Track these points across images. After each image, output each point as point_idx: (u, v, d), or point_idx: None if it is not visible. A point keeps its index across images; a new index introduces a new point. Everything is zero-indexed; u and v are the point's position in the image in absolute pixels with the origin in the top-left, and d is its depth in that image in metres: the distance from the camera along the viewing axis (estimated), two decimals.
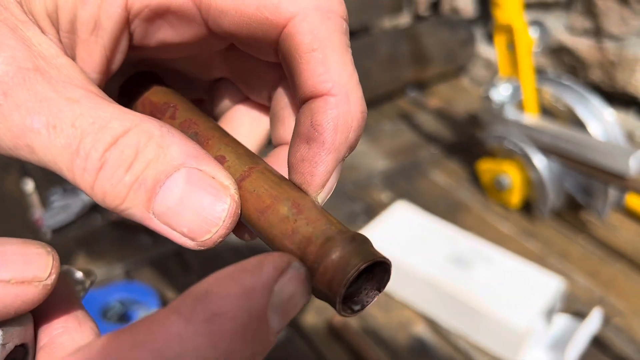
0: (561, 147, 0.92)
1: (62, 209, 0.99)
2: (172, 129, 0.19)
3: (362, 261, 0.17)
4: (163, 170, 0.19)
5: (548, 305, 0.78)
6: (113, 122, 0.18)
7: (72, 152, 0.18)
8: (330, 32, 0.20)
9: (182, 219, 0.19)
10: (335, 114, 0.20)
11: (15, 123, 0.18)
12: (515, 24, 0.92)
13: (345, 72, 0.20)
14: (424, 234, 0.88)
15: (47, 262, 0.17)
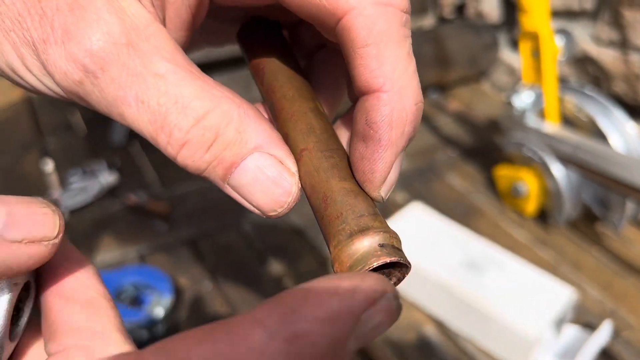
0: (581, 158, 0.91)
1: (81, 190, 1.00)
2: (249, 110, 0.21)
3: (387, 256, 0.18)
4: (239, 153, 0.21)
5: (559, 314, 0.78)
6: (195, 103, 0.20)
7: (157, 127, 0.20)
8: (386, 27, 0.20)
9: (253, 196, 0.21)
10: (389, 110, 0.20)
11: (110, 94, 0.20)
12: (541, 32, 0.92)
13: (400, 66, 0.20)
14: (438, 236, 0.88)
15: (54, 222, 0.18)
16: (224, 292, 0.85)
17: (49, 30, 0.20)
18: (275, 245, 0.94)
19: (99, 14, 0.20)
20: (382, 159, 0.21)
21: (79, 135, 1.19)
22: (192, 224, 0.96)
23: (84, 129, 1.21)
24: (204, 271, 0.87)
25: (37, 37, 0.20)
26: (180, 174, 1.09)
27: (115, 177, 1.04)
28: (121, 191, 1.03)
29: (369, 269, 0.18)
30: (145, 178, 1.07)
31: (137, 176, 1.07)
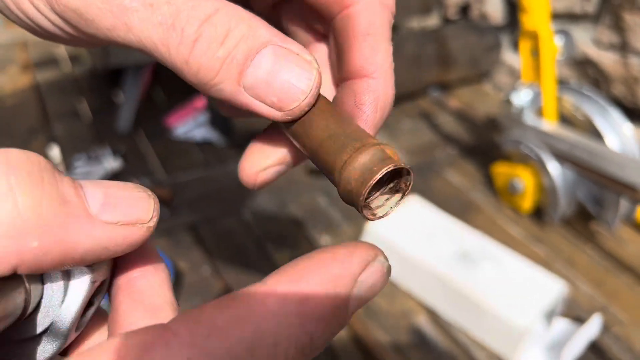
0: (577, 156, 0.93)
1: (85, 175, 1.02)
2: (258, 17, 0.21)
3: (385, 165, 0.19)
4: (253, 46, 0.20)
5: (549, 307, 0.80)
6: (204, 3, 0.20)
7: (167, 27, 0.20)
8: (383, 23, 0.22)
9: (272, 89, 0.21)
10: (376, 95, 0.22)
11: (116, 3, 0.20)
12: (541, 31, 0.93)
13: (388, 60, 0.22)
14: (434, 229, 0.90)
15: (149, 205, 0.19)
16: (222, 277, 0.86)
17: None
18: (274, 234, 0.96)
19: None
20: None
21: (84, 122, 1.21)
22: (193, 211, 0.98)
23: (90, 116, 1.23)
24: (203, 256, 0.89)
25: None
26: (183, 162, 1.11)
27: (119, 163, 1.06)
28: (125, 177, 1.05)
29: (379, 176, 0.19)
30: (149, 165, 1.09)
31: (141, 163, 1.09)
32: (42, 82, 1.35)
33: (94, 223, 0.17)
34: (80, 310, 0.18)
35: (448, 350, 0.79)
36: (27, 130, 1.17)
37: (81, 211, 0.17)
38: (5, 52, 1.48)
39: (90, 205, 0.17)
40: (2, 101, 1.26)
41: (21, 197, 0.16)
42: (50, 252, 0.16)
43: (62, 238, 0.16)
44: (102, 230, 0.17)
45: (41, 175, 0.16)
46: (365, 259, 0.18)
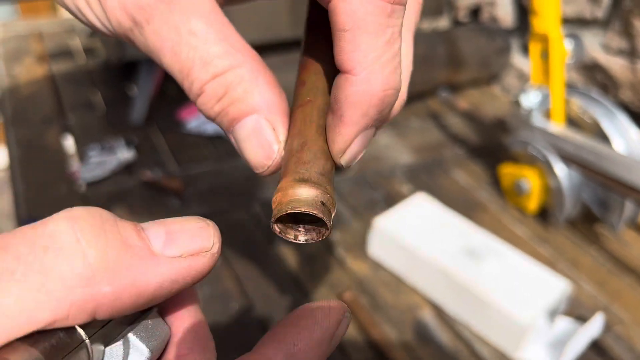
0: (583, 158, 0.94)
1: (98, 165, 1.04)
2: (261, 74, 0.25)
3: (321, 213, 0.22)
4: (240, 111, 0.24)
5: (552, 305, 0.81)
6: (216, 61, 0.24)
7: (184, 75, 0.24)
8: (366, 15, 0.21)
9: (246, 151, 0.25)
10: (352, 91, 0.22)
11: (152, 43, 0.24)
12: (551, 34, 0.95)
13: (373, 54, 0.22)
14: (440, 224, 0.91)
15: (209, 233, 0.21)
16: (232, 268, 0.88)
17: None
18: None
19: None
20: (341, 134, 0.24)
21: (98, 113, 1.23)
22: (204, 202, 1.00)
23: (104, 108, 1.25)
24: None
25: None
26: (194, 155, 1.12)
27: (132, 154, 1.08)
28: (137, 167, 1.07)
29: (300, 211, 0.22)
30: (161, 157, 1.11)
31: (153, 154, 1.11)
32: (57, 73, 1.37)
33: (159, 260, 0.19)
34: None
35: (452, 344, 0.81)
36: (42, 120, 1.19)
37: (145, 252, 0.19)
38: (20, 43, 1.50)
39: (154, 244, 0.19)
40: (18, 91, 1.28)
41: (88, 249, 0.17)
42: (122, 294, 0.18)
43: (131, 280, 0.18)
44: (168, 265, 0.19)
45: (103, 225, 0.18)
46: (339, 319, 0.22)
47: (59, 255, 0.17)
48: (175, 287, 0.20)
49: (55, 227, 0.17)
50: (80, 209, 0.19)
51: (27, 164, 1.06)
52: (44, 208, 0.95)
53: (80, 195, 0.99)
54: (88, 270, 0.17)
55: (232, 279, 0.86)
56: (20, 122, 1.18)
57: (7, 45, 1.48)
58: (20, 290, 0.16)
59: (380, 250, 0.92)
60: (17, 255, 0.16)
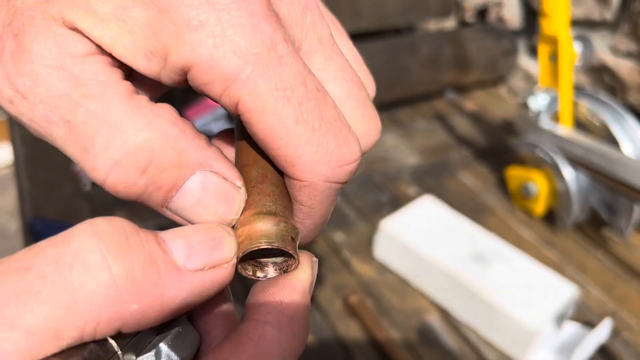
0: (591, 161, 0.94)
1: None
2: (185, 127, 0.20)
3: (277, 242, 0.21)
4: (179, 175, 0.20)
5: (560, 310, 0.80)
6: (125, 121, 0.19)
7: (81, 148, 0.19)
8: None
9: (199, 217, 0.20)
10: (309, 194, 0.22)
11: (39, 114, 0.19)
12: (560, 36, 0.94)
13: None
14: (447, 228, 0.91)
15: (230, 244, 0.20)
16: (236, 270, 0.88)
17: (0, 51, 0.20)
18: None
19: (39, 40, 0.19)
20: (313, 222, 0.23)
21: None
22: None
23: None
24: None
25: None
26: None
27: None
28: None
29: (272, 247, 0.21)
30: None
31: None
32: None
33: (183, 275, 0.18)
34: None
35: (458, 348, 0.80)
36: None
37: (170, 267, 0.18)
38: None
39: (176, 258, 0.18)
40: None
41: (115, 266, 0.17)
42: (148, 310, 0.17)
43: (157, 297, 0.18)
44: (191, 279, 0.18)
45: (128, 240, 0.17)
46: (311, 267, 0.23)
47: (85, 274, 0.16)
48: (198, 299, 0.19)
49: (79, 243, 0.17)
50: (102, 221, 0.18)
51: (32, 162, 1.05)
52: (48, 206, 0.95)
53: (85, 195, 0.98)
54: (115, 288, 0.17)
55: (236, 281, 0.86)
56: None
57: None
58: (48, 311, 0.16)
59: (387, 252, 0.91)
60: (42, 275, 0.16)
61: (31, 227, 0.82)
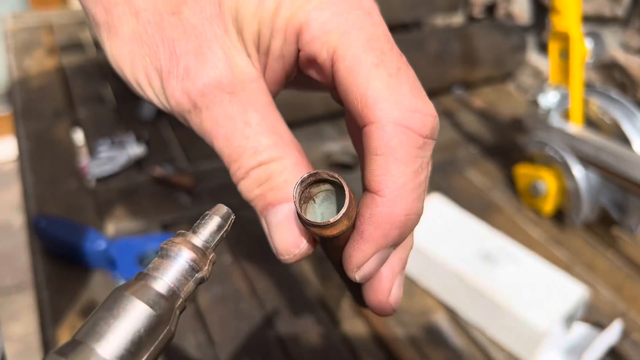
0: (602, 159, 0.92)
1: (108, 160, 1.02)
2: (303, 167, 0.27)
3: (323, 173, 0.23)
4: (277, 198, 0.26)
5: (570, 311, 0.79)
6: (265, 152, 0.26)
7: (232, 160, 0.27)
8: (398, 145, 0.23)
9: (275, 236, 0.27)
10: (377, 211, 0.24)
11: (207, 127, 0.26)
12: (572, 32, 0.93)
13: (400, 180, 0.24)
14: (455, 227, 0.90)
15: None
16: (242, 266, 0.87)
17: (175, 65, 0.26)
18: None
19: (216, 63, 0.25)
20: (360, 249, 0.25)
21: (108, 107, 1.22)
22: (215, 199, 0.98)
23: (114, 102, 1.24)
24: (224, 245, 0.90)
25: (165, 67, 0.26)
26: (205, 152, 1.11)
27: (142, 150, 1.06)
28: (148, 163, 1.05)
29: (323, 176, 0.23)
30: (172, 152, 1.09)
31: (163, 150, 1.10)
32: (67, 65, 1.36)
33: None
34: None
35: (466, 349, 0.79)
36: (52, 113, 1.17)
37: None
38: (31, 34, 1.49)
39: None
40: (28, 83, 1.27)
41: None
42: None
43: None
44: None
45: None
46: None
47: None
48: None
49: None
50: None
51: (36, 157, 1.05)
52: (53, 202, 0.94)
53: (90, 191, 0.98)
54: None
55: (241, 276, 0.85)
56: (29, 115, 1.16)
57: (17, 37, 1.47)
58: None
59: None
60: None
61: (35, 224, 0.82)
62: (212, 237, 0.23)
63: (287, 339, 0.77)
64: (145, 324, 0.18)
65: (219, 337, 0.77)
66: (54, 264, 0.82)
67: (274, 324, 0.79)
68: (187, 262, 0.21)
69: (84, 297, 0.79)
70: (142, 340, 0.18)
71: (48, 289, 0.79)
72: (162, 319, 0.18)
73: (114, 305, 0.18)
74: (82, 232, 0.82)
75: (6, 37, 1.47)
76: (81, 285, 0.80)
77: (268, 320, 0.79)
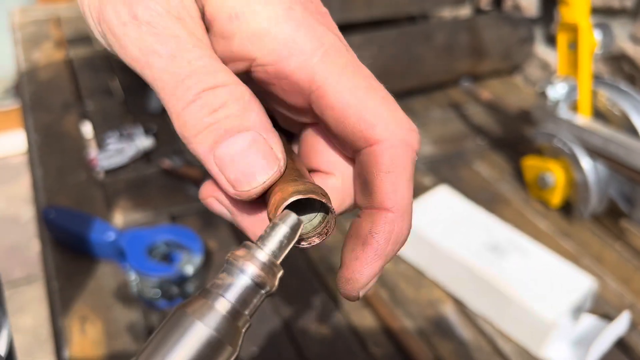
0: (611, 151, 0.92)
1: (117, 152, 1.03)
2: (257, 101, 0.24)
3: (309, 194, 0.22)
4: (237, 126, 0.23)
5: (578, 302, 0.79)
6: (220, 74, 0.23)
7: (179, 80, 0.23)
8: (406, 163, 0.24)
9: (233, 168, 0.23)
10: (391, 228, 0.24)
11: (147, 43, 0.23)
12: (580, 24, 0.92)
13: (407, 196, 0.24)
14: (463, 218, 0.90)
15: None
16: None
17: None
18: None
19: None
20: (372, 265, 0.24)
21: (116, 100, 1.22)
22: None
23: (122, 94, 1.24)
24: (232, 236, 0.90)
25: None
26: None
27: (151, 142, 1.07)
28: (156, 155, 1.06)
29: (305, 197, 0.22)
30: (180, 144, 1.10)
31: (172, 142, 1.10)
32: (75, 58, 1.36)
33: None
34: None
35: (474, 340, 0.79)
36: (61, 105, 1.18)
37: None
38: (39, 28, 1.49)
39: None
40: (37, 76, 1.28)
41: None
42: None
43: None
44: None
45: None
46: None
47: None
48: None
49: None
50: None
51: (45, 150, 1.05)
52: (62, 194, 0.95)
53: (99, 183, 0.98)
54: None
55: None
56: (38, 108, 1.17)
57: (25, 31, 1.47)
58: None
59: None
60: None
61: (45, 216, 0.82)
62: (279, 250, 0.21)
63: (295, 329, 0.78)
64: (206, 347, 0.18)
65: None
66: (64, 255, 0.83)
67: (282, 314, 0.80)
68: (252, 280, 0.20)
69: (93, 288, 0.79)
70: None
71: (58, 280, 0.80)
72: (224, 341, 0.18)
73: (175, 326, 0.18)
74: (92, 224, 0.82)
75: (14, 30, 1.48)
76: (90, 276, 0.81)
77: (276, 311, 0.80)
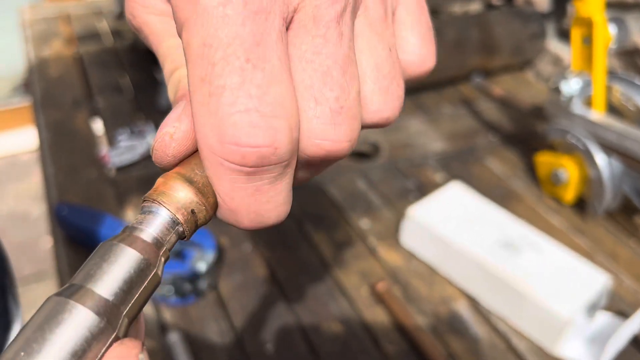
0: (626, 147, 0.91)
1: (128, 149, 1.03)
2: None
3: (170, 206, 0.23)
4: (182, 95, 0.25)
5: (593, 299, 0.78)
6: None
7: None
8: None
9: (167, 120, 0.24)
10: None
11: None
12: (595, 18, 0.91)
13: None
14: (476, 215, 0.89)
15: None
16: (262, 255, 0.87)
17: None
18: (313, 215, 0.96)
19: None
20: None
21: (127, 97, 1.22)
22: None
23: (132, 91, 1.24)
24: (244, 233, 0.90)
25: None
26: None
27: None
28: None
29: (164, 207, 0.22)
30: None
31: None
32: (85, 55, 1.36)
33: None
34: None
35: (487, 337, 0.79)
36: (71, 102, 1.18)
37: None
38: (49, 25, 1.50)
39: None
40: (47, 73, 1.28)
41: None
42: None
43: None
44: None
45: None
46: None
47: None
48: None
49: None
50: None
51: (56, 147, 1.05)
52: (73, 191, 0.95)
53: (110, 180, 0.98)
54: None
55: (261, 265, 0.85)
56: (49, 105, 1.17)
57: (35, 28, 1.47)
58: None
59: (414, 240, 0.90)
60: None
61: (57, 212, 0.82)
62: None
63: (308, 326, 0.78)
64: (135, 267, 0.20)
65: (240, 324, 0.77)
66: (76, 252, 0.83)
67: (295, 311, 0.79)
68: (168, 216, 0.22)
69: None
70: (133, 280, 0.20)
71: (70, 276, 0.80)
72: (149, 263, 0.20)
73: (105, 253, 0.20)
74: (104, 221, 0.82)
75: (24, 27, 1.48)
76: None
77: (289, 308, 0.80)
